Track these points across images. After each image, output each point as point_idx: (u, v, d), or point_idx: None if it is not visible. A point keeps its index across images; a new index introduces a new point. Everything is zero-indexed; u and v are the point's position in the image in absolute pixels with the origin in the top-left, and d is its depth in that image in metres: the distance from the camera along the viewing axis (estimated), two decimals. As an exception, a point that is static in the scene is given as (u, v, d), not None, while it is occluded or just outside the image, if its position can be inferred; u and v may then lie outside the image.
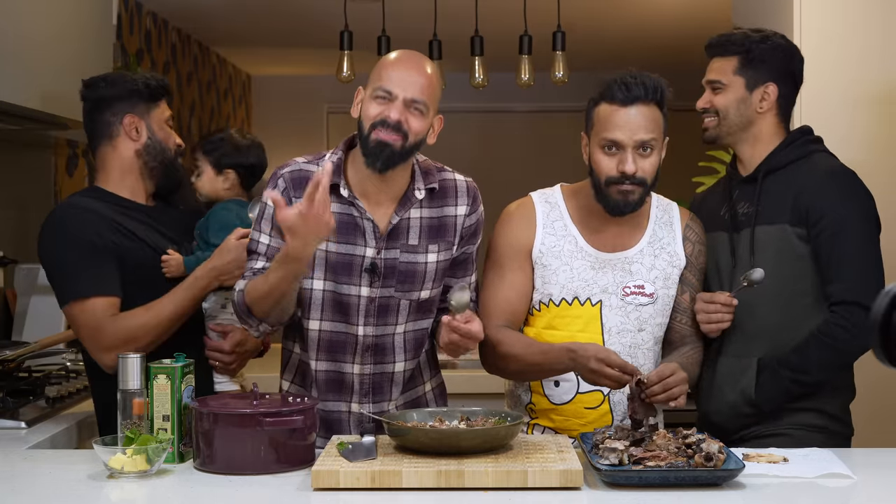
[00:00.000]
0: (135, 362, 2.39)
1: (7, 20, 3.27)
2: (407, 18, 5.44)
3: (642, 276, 2.70)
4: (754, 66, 2.80)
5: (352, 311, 2.58)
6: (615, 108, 2.61)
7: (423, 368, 2.72)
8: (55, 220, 2.78)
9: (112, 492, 2.23)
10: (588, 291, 2.69)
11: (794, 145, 2.80)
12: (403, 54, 2.55)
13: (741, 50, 2.81)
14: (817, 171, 2.75)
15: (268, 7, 6.10)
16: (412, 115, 2.49)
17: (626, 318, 2.69)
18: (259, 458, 2.32)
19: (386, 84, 2.49)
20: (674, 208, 2.80)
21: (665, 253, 2.73)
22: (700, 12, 6.12)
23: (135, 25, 5.86)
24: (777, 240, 2.72)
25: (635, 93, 2.60)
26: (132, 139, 2.83)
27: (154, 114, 2.86)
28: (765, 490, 2.23)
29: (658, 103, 2.63)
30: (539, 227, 2.73)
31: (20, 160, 4.37)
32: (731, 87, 2.81)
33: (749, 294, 2.67)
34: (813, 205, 2.69)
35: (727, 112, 2.82)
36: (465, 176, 2.70)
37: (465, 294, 2.41)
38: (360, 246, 2.56)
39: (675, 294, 2.74)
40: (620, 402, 2.68)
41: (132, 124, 2.82)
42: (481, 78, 5.18)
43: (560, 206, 2.75)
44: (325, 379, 2.63)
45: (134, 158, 2.84)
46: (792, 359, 2.68)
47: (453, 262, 2.66)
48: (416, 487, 2.18)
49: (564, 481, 2.19)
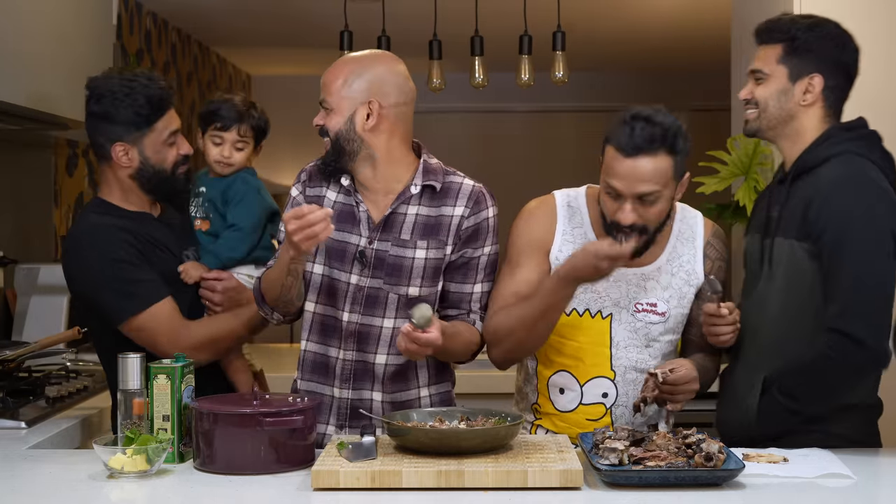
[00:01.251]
0: (135, 362, 2.40)
1: (7, 20, 3.27)
2: (407, 18, 5.44)
3: (656, 294, 2.67)
4: (799, 54, 2.59)
5: (339, 295, 2.66)
6: (618, 157, 2.51)
7: (419, 371, 2.71)
8: (80, 243, 2.77)
9: (112, 492, 2.23)
10: (600, 304, 2.67)
11: (825, 145, 2.58)
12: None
13: (786, 37, 2.61)
14: (826, 179, 2.54)
15: (268, 7, 6.10)
16: (325, 117, 2.66)
17: (634, 334, 2.67)
18: (259, 458, 2.32)
19: None
20: (698, 222, 2.73)
21: (683, 272, 2.69)
22: (700, 13, 6.11)
23: (135, 25, 5.86)
24: (788, 255, 2.56)
25: (638, 143, 2.48)
26: (123, 165, 2.79)
27: (149, 137, 2.78)
28: (765, 490, 2.23)
29: (669, 149, 2.50)
30: (559, 230, 2.69)
31: (20, 160, 4.37)
32: (774, 76, 2.61)
33: (759, 310, 2.60)
34: (816, 219, 2.51)
35: (767, 104, 2.62)
36: (479, 183, 2.71)
37: (426, 308, 2.43)
38: (355, 235, 2.65)
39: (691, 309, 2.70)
40: (623, 417, 2.68)
41: (123, 152, 2.77)
42: (481, 78, 5.18)
43: (582, 211, 2.71)
44: (312, 360, 2.70)
45: (129, 179, 2.81)
46: (786, 384, 2.55)
47: (452, 265, 2.67)
48: (416, 487, 2.18)
49: (564, 481, 2.19)
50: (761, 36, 2.66)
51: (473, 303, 2.69)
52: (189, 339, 2.73)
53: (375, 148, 2.64)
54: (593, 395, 2.68)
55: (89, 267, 2.74)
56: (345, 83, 2.63)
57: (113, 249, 2.72)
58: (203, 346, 2.75)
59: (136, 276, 2.72)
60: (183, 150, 2.85)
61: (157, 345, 2.70)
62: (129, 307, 2.71)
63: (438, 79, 5.16)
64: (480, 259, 2.68)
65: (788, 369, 2.54)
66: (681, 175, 2.56)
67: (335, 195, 2.69)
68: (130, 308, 2.71)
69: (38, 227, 4.55)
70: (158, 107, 2.79)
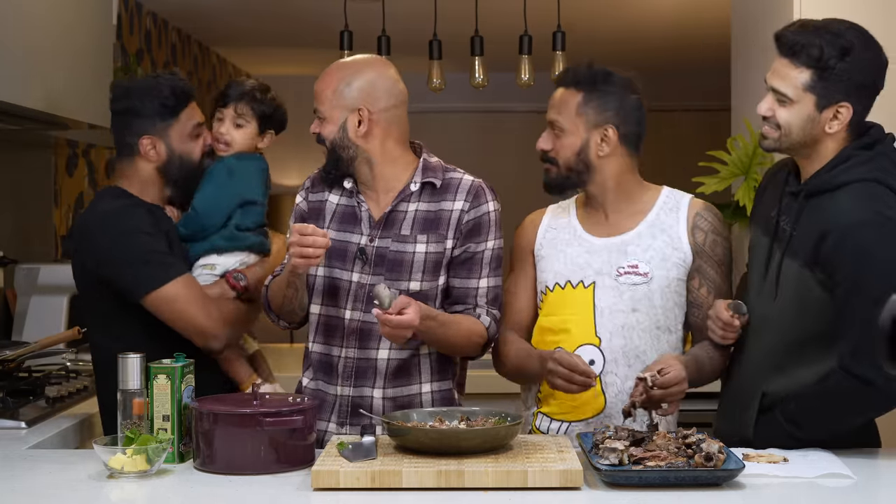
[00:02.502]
0: (135, 362, 2.39)
1: (7, 20, 3.27)
2: (407, 18, 5.44)
3: (637, 256, 2.71)
4: (830, 82, 2.45)
5: (341, 294, 2.69)
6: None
7: (421, 368, 2.71)
8: (102, 221, 2.77)
9: (112, 492, 2.23)
10: (581, 274, 2.72)
11: (843, 167, 2.49)
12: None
13: (817, 64, 2.45)
14: (844, 211, 2.45)
15: (268, 7, 6.10)
16: (319, 125, 2.71)
17: (619, 299, 2.70)
18: (259, 458, 2.32)
19: None
20: (685, 198, 2.79)
21: (665, 235, 2.72)
22: (700, 13, 6.12)
23: (135, 25, 5.86)
24: (797, 280, 2.50)
25: (562, 77, 2.78)
26: (150, 160, 2.83)
27: (175, 128, 2.83)
28: (765, 490, 2.23)
29: (584, 90, 2.71)
30: (542, 225, 2.83)
31: (20, 160, 4.37)
32: (800, 104, 2.48)
33: (761, 325, 2.58)
34: (832, 254, 2.43)
35: (790, 129, 2.50)
36: (479, 178, 2.75)
37: (381, 288, 2.45)
38: (356, 234, 2.69)
39: (691, 286, 2.73)
40: (612, 385, 2.68)
41: (150, 145, 2.82)
42: (481, 78, 5.18)
43: (570, 208, 2.84)
44: (319, 360, 2.73)
45: (155, 174, 2.85)
46: (790, 410, 2.51)
47: (455, 261, 2.68)
48: (416, 487, 2.18)
49: (564, 481, 2.19)
50: (786, 49, 2.50)
51: (479, 297, 2.70)
52: (219, 312, 2.74)
53: (371, 152, 2.68)
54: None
55: (112, 243, 2.73)
56: (334, 92, 2.67)
57: (138, 224, 2.73)
58: (231, 323, 2.77)
59: (163, 248, 2.74)
60: (209, 142, 2.90)
61: (189, 316, 2.70)
62: (159, 275, 2.69)
63: (438, 79, 5.16)
64: (484, 254, 2.69)
65: (794, 396, 2.52)
66: (599, 122, 2.71)
67: (337, 198, 2.74)
68: (162, 276, 2.69)
69: (38, 227, 4.55)
70: (182, 98, 2.84)
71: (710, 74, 6.48)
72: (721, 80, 4.98)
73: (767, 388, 2.56)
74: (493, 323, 2.70)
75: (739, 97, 4.15)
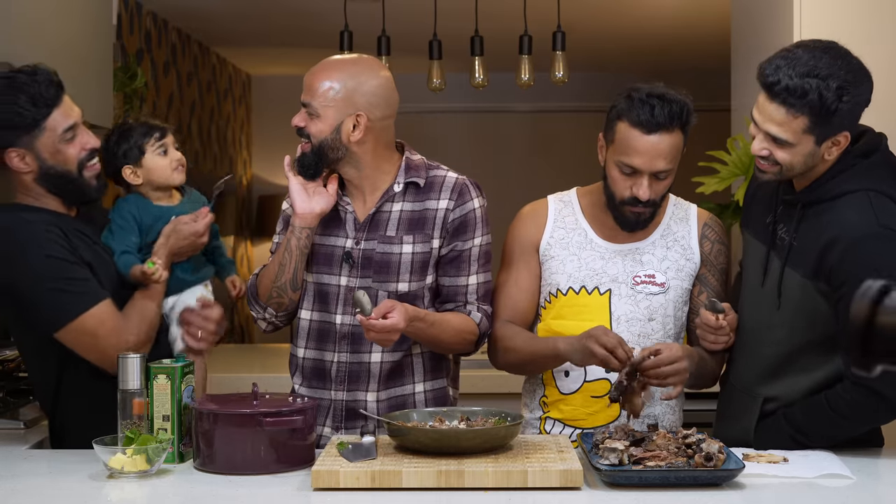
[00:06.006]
0: (135, 362, 2.39)
1: (7, 20, 3.27)
2: (407, 18, 5.44)
3: (653, 266, 2.70)
4: (828, 121, 2.40)
5: (331, 299, 2.68)
6: (636, 134, 2.54)
7: (414, 368, 2.71)
8: (4, 240, 2.50)
9: (112, 492, 2.23)
10: (596, 281, 2.70)
11: (841, 177, 2.47)
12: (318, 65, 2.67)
13: (813, 110, 2.39)
14: (848, 224, 2.42)
15: (268, 7, 6.10)
16: (308, 120, 2.63)
17: (635, 307, 2.69)
18: (259, 458, 2.32)
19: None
20: (692, 208, 2.79)
21: (678, 245, 2.73)
22: (700, 13, 6.12)
23: (135, 25, 5.86)
24: (799, 290, 2.49)
25: (659, 120, 2.52)
26: (23, 172, 2.55)
27: (41, 140, 2.51)
28: (765, 490, 2.23)
29: (683, 126, 2.57)
30: (549, 222, 2.77)
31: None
32: (800, 144, 2.43)
33: (760, 335, 2.58)
34: (836, 267, 2.41)
35: (792, 166, 2.47)
36: (463, 175, 2.72)
37: (360, 294, 2.44)
38: (342, 237, 2.67)
39: (692, 293, 2.73)
40: None
41: (18, 157, 2.52)
42: (481, 78, 5.19)
43: (573, 203, 2.79)
44: (311, 367, 2.71)
45: (36, 185, 2.57)
46: (796, 416, 2.52)
47: (444, 259, 2.67)
48: (416, 487, 2.18)
49: (564, 481, 2.19)
50: (780, 98, 2.41)
51: (469, 294, 2.69)
52: (132, 333, 2.55)
53: (360, 156, 2.64)
54: (597, 371, 2.68)
55: (18, 268, 2.48)
56: (331, 90, 2.60)
57: (45, 246, 2.47)
58: (147, 338, 2.59)
59: (80, 273, 2.51)
60: (89, 144, 2.58)
61: (99, 349, 2.53)
62: (77, 304, 2.49)
63: (438, 79, 5.16)
64: (472, 251, 2.68)
65: (800, 405, 2.52)
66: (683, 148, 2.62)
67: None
68: (80, 305, 2.49)
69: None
70: (45, 103, 2.50)
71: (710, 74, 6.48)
72: (721, 80, 4.98)
73: (768, 393, 2.57)
74: (484, 319, 2.69)
75: (739, 97, 4.15)
